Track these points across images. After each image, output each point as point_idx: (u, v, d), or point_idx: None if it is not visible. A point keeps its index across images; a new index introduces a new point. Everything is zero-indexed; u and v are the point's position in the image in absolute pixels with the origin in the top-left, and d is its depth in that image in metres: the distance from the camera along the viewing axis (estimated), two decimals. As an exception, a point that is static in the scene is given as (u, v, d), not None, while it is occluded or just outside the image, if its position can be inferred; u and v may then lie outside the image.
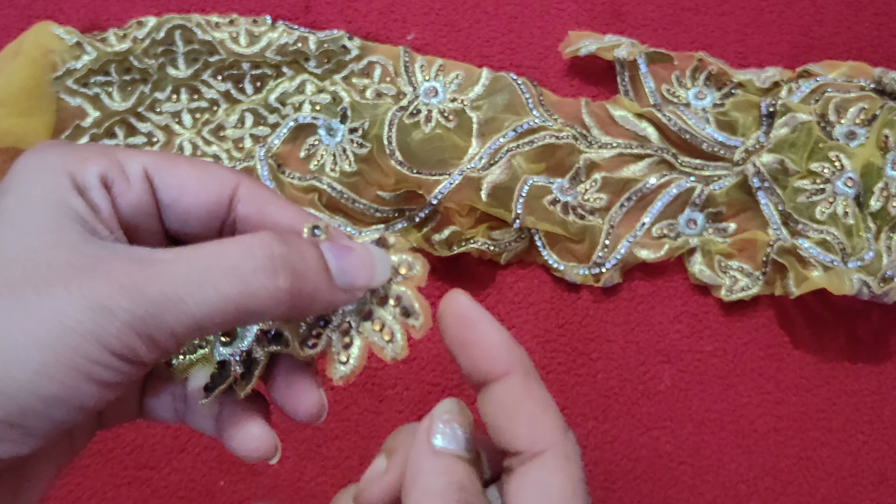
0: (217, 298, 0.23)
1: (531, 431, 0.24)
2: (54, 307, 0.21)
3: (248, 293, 0.23)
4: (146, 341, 0.22)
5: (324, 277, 0.24)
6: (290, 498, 0.44)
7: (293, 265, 0.24)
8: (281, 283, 0.23)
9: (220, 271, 0.23)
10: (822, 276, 0.44)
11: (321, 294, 0.24)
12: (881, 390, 0.47)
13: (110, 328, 0.22)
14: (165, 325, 0.22)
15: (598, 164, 0.48)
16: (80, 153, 0.25)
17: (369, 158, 0.48)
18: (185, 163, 0.26)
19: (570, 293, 0.48)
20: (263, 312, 0.23)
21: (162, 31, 0.48)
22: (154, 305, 0.22)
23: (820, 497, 0.45)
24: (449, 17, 0.52)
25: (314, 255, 0.24)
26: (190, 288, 0.22)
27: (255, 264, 0.23)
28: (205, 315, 0.22)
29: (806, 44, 0.52)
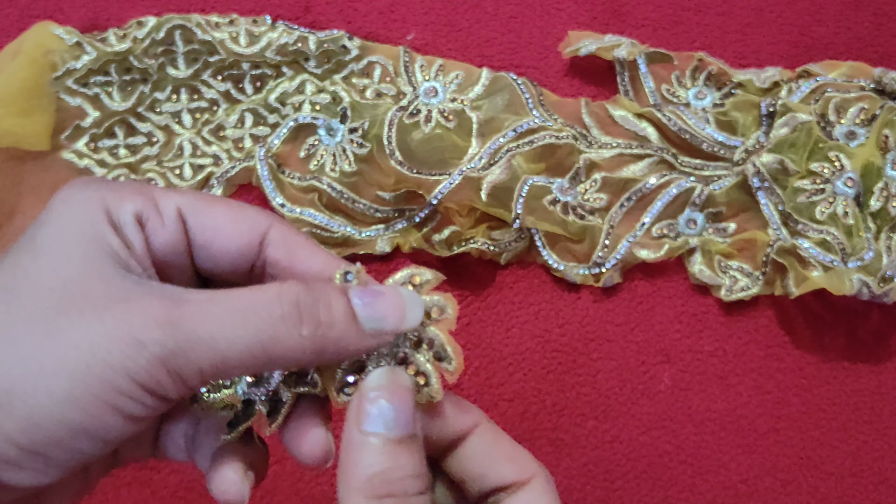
0: (246, 340, 0.23)
1: (516, 464, 0.27)
2: (87, 337, 0.22)
3: (274, 338, 0.23)
4: (174, 377, 0.22)
5: (351, 325, 0.25)
6: (289, 499, 0.44)
7: (318, 314, 0.24)
8: (305, 332, 0.24)
9: (250, 315, 0.23)
10: (822, 276, 0.44)
11: (348, 341, 0.25)
12: (881, 390, 0.47)
13: (141, 361, 0.22)
14: (194, 362, 0.23)
15: (598, 164, 0.48)
16: (117, 190, 0.25)
17: (369, 158, 0.48)
18: (220, 204, 0.27)
19: (570, 293, 0.48)
20: (289, 358, 0.24)
21: (162, 31, 0.48)
22: (186, 342, 0.22)
23: (820, 497, 0.45)
24: (449, 17, 0.52)
25: (341, 302, 0.25)
26: (221, 328, 0.23)
27: (280, 312, 0.23)
28: (233, 356, 0.23)
29: (806, 44, 0.52)
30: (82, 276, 0.23)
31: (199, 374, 0.23)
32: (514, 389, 0.46)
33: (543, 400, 0.46)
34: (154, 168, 0.49)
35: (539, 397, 0.46)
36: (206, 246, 0.26)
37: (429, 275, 0.27)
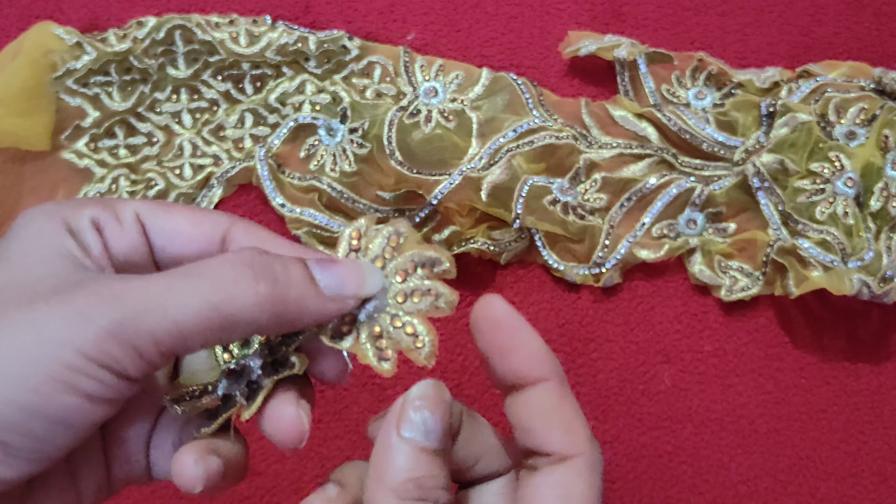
0: (198, 303, 0.23)
1: (565, 436, 0.25)
2: (33, 320, 0.22)
3: (228, 298, 0.23)
4: (128, 350, 0.22)
5: (310, 286, 0.25)
6: (289, 498, 0.44)
7: (275, 274, 0.24)
8: (262, 289, 0.23)
9: (201, 279, 0.23)
10: (822, 276, 0.44)
11: (308, 302, 0.25)
12: (881, 390, 0.47)
13: (87, 334, 0.22)
14: (146, 331, 0.22)
15: (598, 164, 0.48)
16: (75, 203, 0.26)
17: (369, 158, 0.48)
18: (179, 208, 0.27)
19: (570, 293, 0.48)
20: (249, 319, 0.24)
21: (162, 31, 0.48)
22: (133, 311, 0.22)
23: (820, 497, 0.45)
24: (449, 17, 0.52)
25: (298, 266, 0.25)
26: (171, 295, 0.23)
27: (235, 271, 0.23)
28: (187, 321, 0.23)
29: (806, 44, 0.52)
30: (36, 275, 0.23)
31: (154, 344, 0.22)
32: (514, 389, 0.46)
33: (543, 400, 0.46)
34: (154, 168, 0.49)
35: (539, 397, 0.46)
36: (167, 247, 0.27)
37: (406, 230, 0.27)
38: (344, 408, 0.46)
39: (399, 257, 0.27)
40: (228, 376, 0.27)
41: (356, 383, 0.46)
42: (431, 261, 0.26)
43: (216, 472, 0.25)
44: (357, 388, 0.46)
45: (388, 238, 0.27)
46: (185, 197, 0.49)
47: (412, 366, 0.31)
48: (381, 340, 0.26)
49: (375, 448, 0.25)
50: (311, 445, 0.45)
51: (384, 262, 0.27)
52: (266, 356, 0.26)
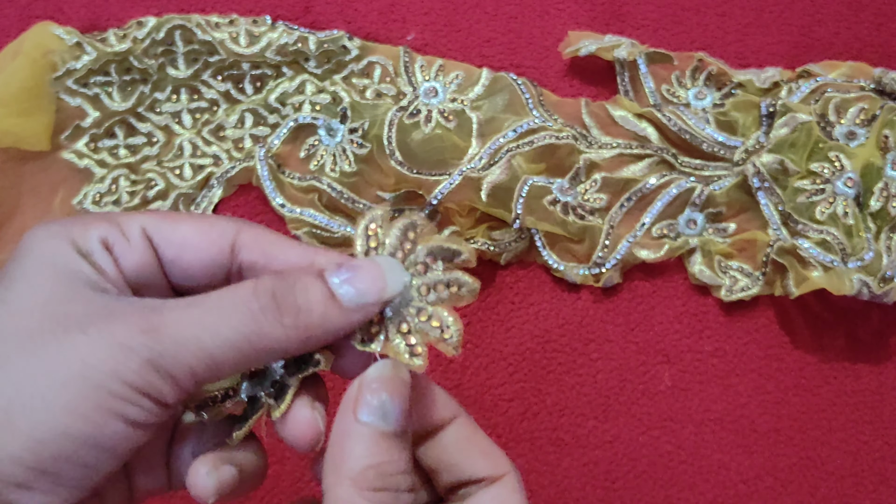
0: (231, 335, 0.23)
1: (490, 460, 0.27)
2: (75, 350, 0.22)
3: (258, 332, 0.24)
4: (167, 379, 0.23)
5: (330, 304, 0.25)
6: (289, 498, 0.44)
7: (295, 301, 0.24)
8: (287, 321, 0.24)
9: (230, 311, 0.24)
10: (822, 277, 0.44)
11: (332, 321, 0.25)
12: (881, 390, 0.47)
13: (131, 364, 0.22)
14: (184, 362, 0.23)
15: (598, 165, 0.48)
16: (80, 221, 0.26)
17: (369, 158, 0.48)
18: (185, 218, 0.27)
19: (570, 293, 0.48)
20: (277, 349, 0.24)
21: (162, 32, 0.48)
22: (171, 344, 0.23)
23: (820, 497, 0.45)
24: (449, 17, 0.52)
25: (317, 286, 0.25)
26: (204, 327, 0.23)
27: (258, 305, 0.24)
28: (220, 352, 0.23)
29: (806, 44, 0.52)
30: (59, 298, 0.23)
31: (191, 374, 0.23)
32: (514, 389, 0.46)
33: (543, 400, 0.46)
34: (154, 168, 0.49)
35: (539, 397, 0.46)
36: (177, 260, 0.27)
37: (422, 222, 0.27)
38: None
39: (418, 249, 0.26)
40: (250, 378, 0.27)
41: (356, 383, 0.46)
42: (451, 252, 0.26)
43: (229, 482, 0.26)
44: (357, 388, 0.46)
45: (405, 231, 0.27)
46: (185, 197, 0.49)
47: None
48: (409, 336, 0.26)
49: (331, 436, 0.25)
50: (311, 445, 0.45)
51: (404, 255, 0.26)
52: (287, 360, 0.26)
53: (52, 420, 0.22)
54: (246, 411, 0.27)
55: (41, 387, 0.22)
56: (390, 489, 0.24)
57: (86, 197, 0.48)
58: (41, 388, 0.22)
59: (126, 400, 0.22)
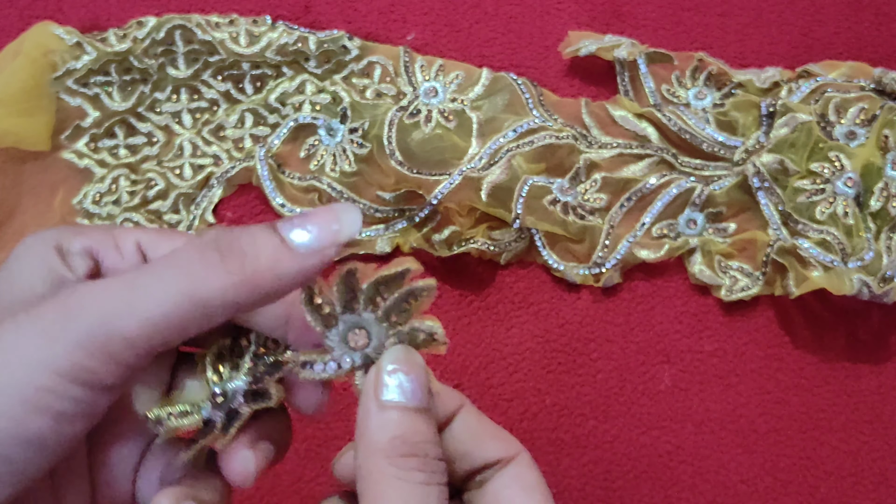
0: (167, 294, 0.22)
1: (502, 442, 0.27)
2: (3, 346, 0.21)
3: (198, 283, 0.22)
4: (101, 358, 0.21)
5: (281, 249, 0.23)
6: (289, 498, 0.44)
7: (240, 247, 0.23)
8: (231, 266, 0.22)
9: (166, 269, 0.22)
10: (822, 276, 0.44)
11: (284, 265, 0.23)
12: (881, 390, 0.47)
13: (57, 351, 0.21)
14: (117, 332, 0.21)
15: (598, 164, 0.48)
16: (73, 230, 0.25)
17: (369, 158, 0.48)
18: (181, 237, 0.26)
19: (570, 293, 0.48)
20: (224, 300, 0.22)
21: (162, 31, 0.48)
22: (101, 315, 0.21)
23: (820, 497, 0.45)
24: (449, 17, 0.52)
25: (266, 232, 0.23)
26: (137, 291, 0.22)
27: (200, 254, 0.22)
28: (158, 315, 0.22)
29: (806, 44, 0.52)
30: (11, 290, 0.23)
31: (128, 346, 0.22)
32: (514, 389, 0.46)
33: (543, 400, 0.46)
34: (154, 168, 0.49)
35: (539, 397, 0.46)
36: None
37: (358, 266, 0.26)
38: (344, 407, 0.46)
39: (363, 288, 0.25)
40: (213, 400, 0.26)
41: (356, 383, 0.46)
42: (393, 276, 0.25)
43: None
44: (357, 388, 0.46)
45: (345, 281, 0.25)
46: (185, 197, 0.49)
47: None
48: None
49: (357, 422, 0.25)
50: (311, 446, 0.45)
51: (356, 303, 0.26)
52: (251, 383, 0.26)
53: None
54: (197, 433, 0.26)
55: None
56: (419, 455, 0.24)
57: (86, 197, 0.48)
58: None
59: (53, 392, 0.21)
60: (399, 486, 0.23)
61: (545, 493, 0.27)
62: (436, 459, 0.24)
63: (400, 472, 0.23)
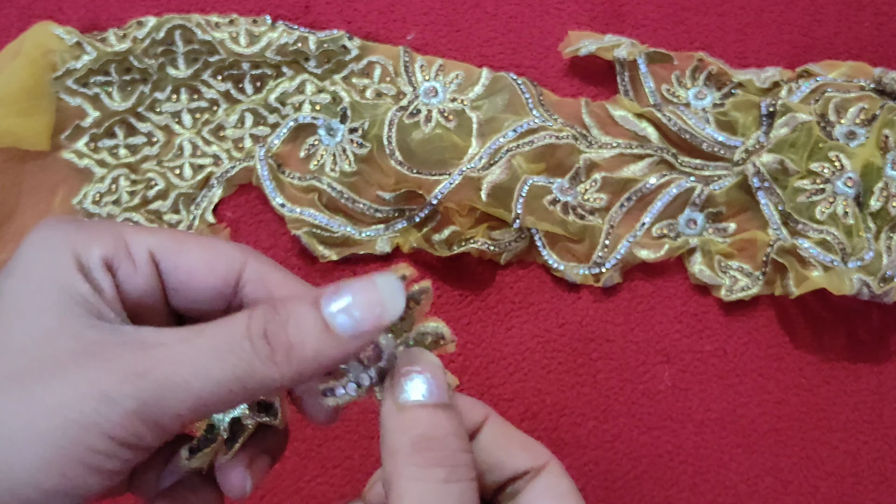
0: (222, 377, 0.23)
1: (531, 452, 0.27)
2: (57, 399, 0.22)
3: (249, 372, 0.23)
4: (151, 426, 0.22)
5: (324, 337, 0.24)
6: (290, 498, 0.44)
7: (287, 337, 0.23)
8: (279, 360, 0.23)
9: (221, 353, 0.23)
10: (822, 276, 0.44)
11: (327, 353, 0.24)
12: (881, 390, 0.47)
13: (114, 417, 0.22)
14: (171, 408, 0.22)
15: (598, 164, 0.48)
16: (86, 233, 0.25)
17: (369, 158, 0.48)
18: (193, 244, 0.26)
19: (570, 293, 0.48)
20: (269, 387, 0.23)
21: (162, 31, 0.48)
22: (158, 390, 0.22)
23: (820, 497, 0.45)
24: (449, 17, 0.52)
25: (310, 318, 0.24)
26: (193, 370, 0.22)
27: (251, 346, 0.23)
28: (210, 394, 0.23)
29: (806, 44, 0.52)
30: (51, 333, 0.23)
31: (177, 419, 0.23)
32: (514, 389, 0.46)
33: (543, 400, 0.46)
34: (154, 168, 0.49)
35: (539, 397, 0.46)
36: (181, 288, 0.26)
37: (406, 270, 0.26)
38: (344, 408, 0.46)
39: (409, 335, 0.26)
40: None
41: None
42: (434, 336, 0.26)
43: None
44: (357, 388, 0.46)
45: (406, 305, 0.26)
46: (185, 197, 0.49)
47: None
48: None
49: (381, 427, 0.25)
50: (310, 446, 0.45)
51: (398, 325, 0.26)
52: None
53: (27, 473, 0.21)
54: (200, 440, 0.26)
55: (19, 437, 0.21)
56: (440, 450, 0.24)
57: (86, 197, 0.48)
58: (19, 439, 0.21)
59: (104, 454, 0.22)
60: (416, 486, 0.23)
61: (578, 502, 0.27)
62: (461, 452, 0.24)
63: (418, 472, 0.24)
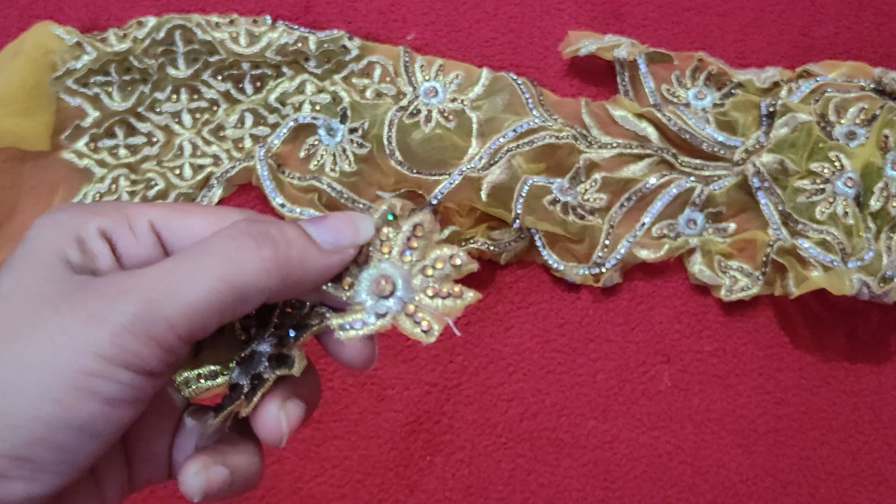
0: (207, 280, 0.23)
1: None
2: (46, 329, 0.22)
3: (236, 269, 0.23)
4: (146, 342, 0.22)
5: (308, 243, 0.25)
6: (288, 498, 0.44)
7: (273, 236, 0.24)
8: (265, 254, 0.24)
9: (204, 256, 0.23)
10: (822, 276, 0.44)
11: (311, 258, 0.25)
12: (881, 390, 0.47)
13: (103, 334, 0.21)
14: (161, 318, 0.22)
15: (598, 164, 0.48)
16: (87, 210, 0.25)
17: (369, 158, 0.48)
18: (195, 211, 0.27)
19: (570, 293, 0.48)
20: (259, 286, 0.24)
21: (162, 31, 0.48)
22: (145, 301, 0.22)
23: (820, 497, 0.45)
24: (449, 17, 0.52)
25: (293, 227, 0.25)
26: (179, 277, 0.23)
27: (236, 242, 0.24)
28: (200, 299, 0.23)
29: (806, 44, 0.52)
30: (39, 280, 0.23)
31: (172, 330, 0.22)
32: (513, 389, 0.46)
33: (543, 400, 0.46)
34: (154, 168, 0.49)
35: (539, 397, 0.46)
36: None
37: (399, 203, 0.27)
38: (343, 408, 0.46)
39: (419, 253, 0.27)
40: (240, 363, 0.27)
41: (355, 383, 0.46)
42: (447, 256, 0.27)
43: (218, 483, 0.25)
44: (356, 389, 0.46)
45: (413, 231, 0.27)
46: (185, 197, 0.49)
47: (412, 366, 0.31)
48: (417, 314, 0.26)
49: None
50: (310, 446, 0.45)
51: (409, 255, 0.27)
52: (276, 345, 0.26)
53: (23, 404, 0.21)
54: (225, 398, 0.26)
55: (12, 371, 0.21)
56: None
57: (86, 197, 0.48)
58: (12, 373, 0.21)
59: (100, 376, 0.21)
60: None
61: None
62: None
63: None
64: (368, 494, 0.45)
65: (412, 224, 0.26)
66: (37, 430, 0.21)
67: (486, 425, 0.46)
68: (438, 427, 0.46)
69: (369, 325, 0.26)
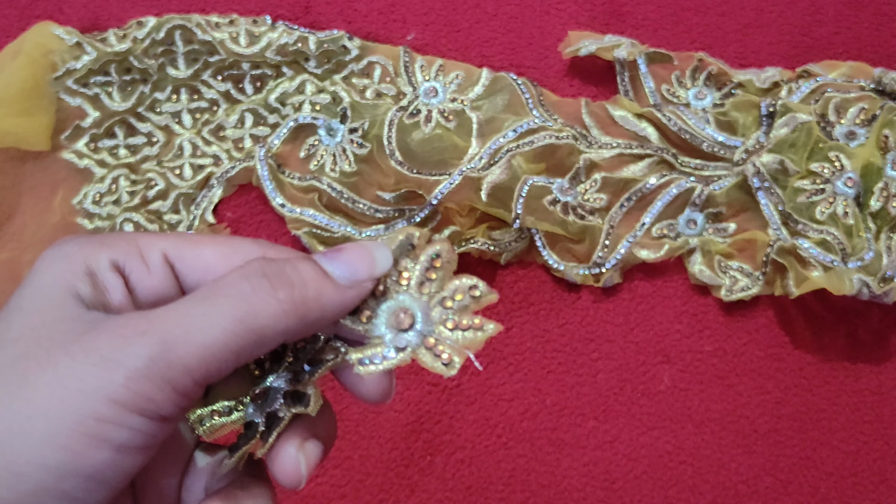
0: (223, 322, 0.22)
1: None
2: (56, 373, 0.21)
3: (252, 311, 0.22)
4: (162, 386, 0.21)
5: (324, 280, 0.24)
6: (289, 498, 0.44)
7: (288, 276, 0.24)
8: (281, 295, 0.23)
9: (220, 298, 0.23)
10: (822, 276, 0.44)
11: (328, 297, 0.24)
12: (881, 390, 0.47)
13: (117, 378, 0.21)
14: (177, 361, 0.21)
15: (598, 164, 0.48)
16: (98, 242, 0.25)
17: (369, 158, 0.48)
18: (207, 243, 0.26)
19: (570, 293, 0.48)
20: (276, 328, 0.23)
21: (162, 32, 0.48)
22: (161, 344, 0.21)
23: (820, 497, 0.45)
24: (449, 17, 0.52)
25: (308, 264, 0.24)
26: (194, 319, 0.22)
27: (251, 284, 0.23)
28: (216, 342, 0.22)
29: (806, 44, 0.52)
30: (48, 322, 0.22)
31: (188, 374, 0.22)
32: (513, 389, 0.46)
33: (543, 400, 0.46)
34: (154, 168, 0.49)
35: (539, 397, 0.46)
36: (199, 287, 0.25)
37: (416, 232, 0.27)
38: (344, 408, 0.46)
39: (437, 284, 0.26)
40: (254, 399, 0.26)
41: (356, 383, 0.46)
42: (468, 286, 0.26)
43: None
44: (357, 388, 0.46)
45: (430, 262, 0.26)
46: (185, 197, 0.49)
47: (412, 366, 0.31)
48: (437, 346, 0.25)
49: None
50: (311, 445, 0.45)
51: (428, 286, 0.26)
52: (290, 381, 0.26)
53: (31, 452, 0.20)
54: (239, 438, 0.26)
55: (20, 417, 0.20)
56: None
57: (86, 197, 0.48)
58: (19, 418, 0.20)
59: (112, 422, 0.21)
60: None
61: None
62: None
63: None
64: (368, 494, 0.45)
65: (430, 254, 0.26)
66: (44, 479, 0.20)
67: (486, 425, 0.46)
68: (439, 427, 0.46)
69: (389, 360, 0.25)
